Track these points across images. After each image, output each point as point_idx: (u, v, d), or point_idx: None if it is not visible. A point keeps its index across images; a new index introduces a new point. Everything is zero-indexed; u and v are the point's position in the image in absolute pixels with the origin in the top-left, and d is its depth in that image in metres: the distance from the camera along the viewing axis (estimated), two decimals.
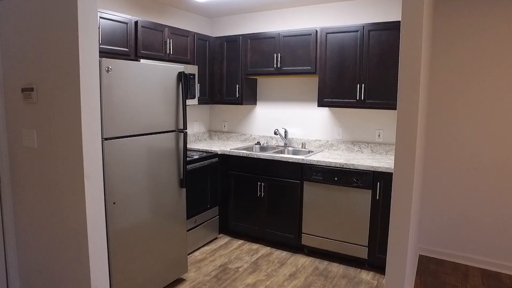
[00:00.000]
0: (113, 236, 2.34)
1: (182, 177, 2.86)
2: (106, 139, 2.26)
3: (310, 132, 4.02)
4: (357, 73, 3.35)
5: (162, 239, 2.75)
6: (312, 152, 3.75)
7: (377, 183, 3.05)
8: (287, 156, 3.45)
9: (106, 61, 2.21)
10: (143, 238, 2.57)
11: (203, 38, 3.96)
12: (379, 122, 3.64)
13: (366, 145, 3.70)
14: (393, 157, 3.44)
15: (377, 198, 3.06)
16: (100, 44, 2.85)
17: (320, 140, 3.95)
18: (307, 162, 3.34)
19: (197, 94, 3.80)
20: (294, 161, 3.41)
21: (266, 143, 4.26)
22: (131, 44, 3.15)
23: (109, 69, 2.22)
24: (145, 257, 2.59)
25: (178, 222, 2.89)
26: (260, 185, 3.62)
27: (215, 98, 4.19)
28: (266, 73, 3.83)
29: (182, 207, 2.92)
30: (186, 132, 2.83)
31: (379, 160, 3.28)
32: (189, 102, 3.64)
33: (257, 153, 3.61)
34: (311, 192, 3.36)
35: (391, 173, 2.95)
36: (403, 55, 2.26)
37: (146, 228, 2.59)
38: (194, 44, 3.83)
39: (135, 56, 3.20)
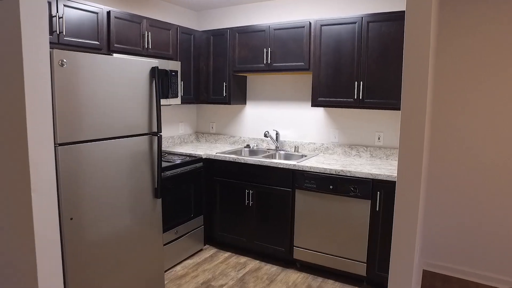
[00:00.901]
0: (71, 257, 2.02)
1: (156, 186, 2.54)
2: (60, 144, 1.93)
3: (304, 134, 3.70)
4: (355, 69, 3.03)
5: (134, 256, 2.42)
6: (305, 156, 3.43)
7: (377, 192, 2.73)
8: (276, 161, 3.13)
9: (59, 53, 1.88)
10: (110, 257, 2.25)
11: (187, 32, 3.63)
12: (379, 124, 3.32)
13: (365, 149, 3.37)
14: (395, 162, 3.13)
15: (377, 209, 2.74)
16: (64, 36, 2.52)
17: (314, 143, 3.62)
18: (299, 168, 3.01)
19: (180, 92, 3.47)
20: (284, 166, 3.08)
21: (256, 146, 3.94)
22: (103, 37, 2.82)
23: (64, 63, 1.90)
24: (112, 278, 2.26)
25: (152, 237, 2.56)
26: (248, 193, 3.29)
27: (200, 97, 3.86)
28: (256, 69, 3.51)
29: (158, 219, 2.60)
30: (161, 135, 2.50)
31: (379, 166, 2.96)
32: (170, 101, 3.32)
33: (245, 158, 3.28)
34: (304, 201, 3.03)
35: (393, 182, 2.63)
36: (408, 49, 1.98)
37: (113, 246, 2.26)
38: (177, 38, 3.50)
39: (108, 50, 2.87)
